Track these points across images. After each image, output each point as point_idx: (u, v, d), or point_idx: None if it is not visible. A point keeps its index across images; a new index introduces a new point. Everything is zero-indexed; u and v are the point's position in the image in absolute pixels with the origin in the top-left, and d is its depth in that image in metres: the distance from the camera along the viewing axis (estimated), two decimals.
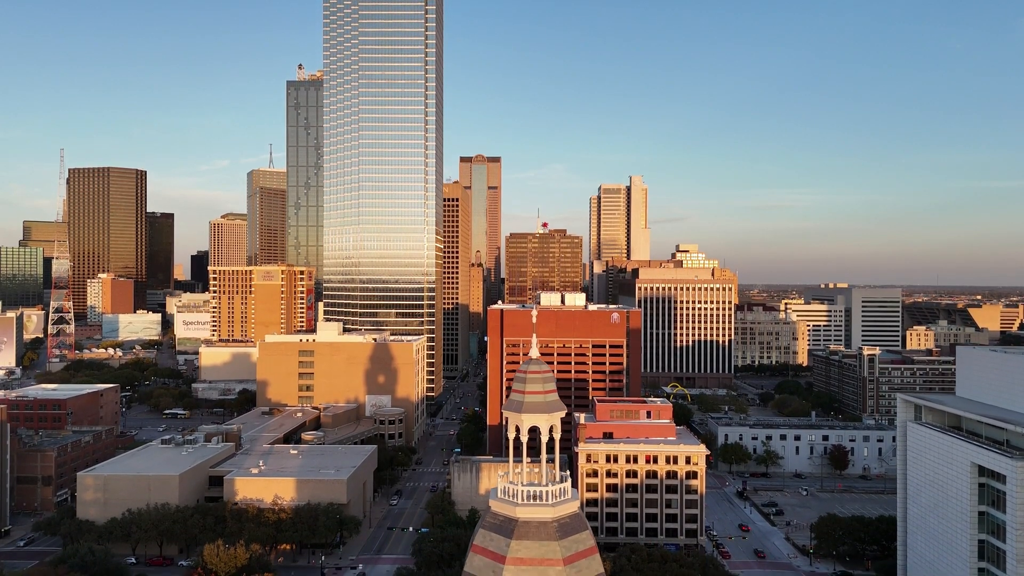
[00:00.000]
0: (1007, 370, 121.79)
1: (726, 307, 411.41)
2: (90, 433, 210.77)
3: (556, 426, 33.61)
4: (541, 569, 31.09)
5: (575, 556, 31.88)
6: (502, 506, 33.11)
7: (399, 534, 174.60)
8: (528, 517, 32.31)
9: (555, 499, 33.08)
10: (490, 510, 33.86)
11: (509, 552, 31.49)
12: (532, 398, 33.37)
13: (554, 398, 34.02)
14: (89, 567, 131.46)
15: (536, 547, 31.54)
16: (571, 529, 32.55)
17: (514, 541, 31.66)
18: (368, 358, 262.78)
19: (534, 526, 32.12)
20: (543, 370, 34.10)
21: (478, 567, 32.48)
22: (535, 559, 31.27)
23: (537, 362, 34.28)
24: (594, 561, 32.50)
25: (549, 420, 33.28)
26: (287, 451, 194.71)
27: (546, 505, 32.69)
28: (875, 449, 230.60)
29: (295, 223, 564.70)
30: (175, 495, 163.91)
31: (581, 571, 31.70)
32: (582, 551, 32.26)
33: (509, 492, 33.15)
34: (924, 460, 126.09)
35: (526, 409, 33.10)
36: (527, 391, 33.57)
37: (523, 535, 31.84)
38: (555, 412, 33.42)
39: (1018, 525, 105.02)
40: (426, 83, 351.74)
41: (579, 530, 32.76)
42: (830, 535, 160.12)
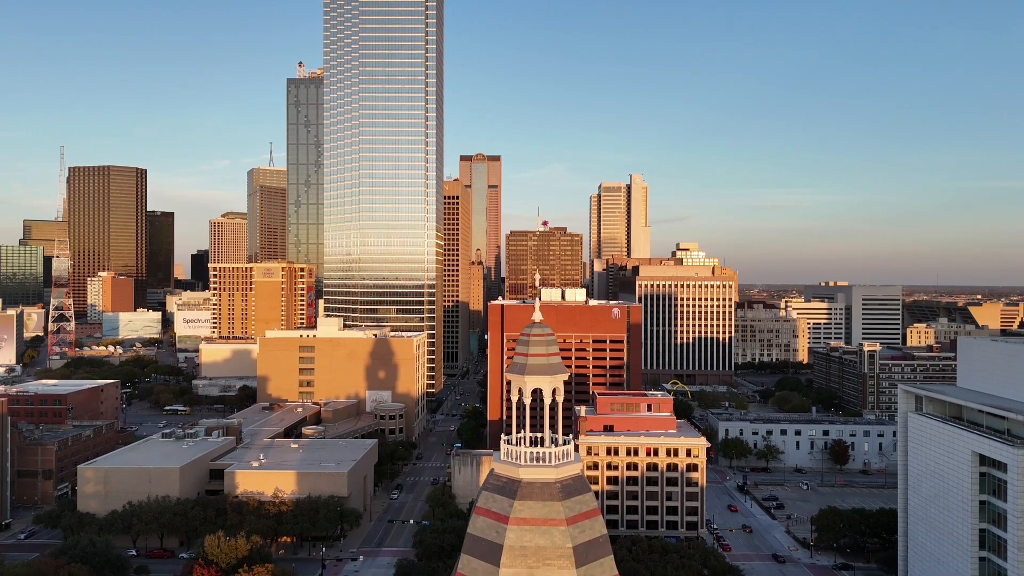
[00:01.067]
0: (1008, 359, 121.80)
1: (726, 304, 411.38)
2: (90, 428, 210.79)
3: (559, 388, 33.58)
4: (544, 529, 31.06)
5: (578, 517, 31.88)
6: (505, 468, 33.10)
7: (400, 527, 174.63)
8: (531, 478, 32.30)
9: (558, 461, 33.06)
10: (493, 472, 33.86)
11: (512, 512, 31.48)
12: (535, 360, 33.34)
13: (557, 361, 33.99)
14: (90, 558, 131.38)
15: (539, 507, 31.53)
16: (574, 490, 32.55)
17: (517, 502, 31.66)
18: (368, 354, 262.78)
19: (537, 487, 32.11)
20: (545, 333, 34.07)
21: (481, 528, 32.47)
22: (538, 519, 31.26)
23: (540, 325, 34.26)
24: (597, 522, 32.50)
25: (552, 382, 33.25)
26: (287, 445, 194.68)
27: (549, 467, 32.67)
28: (875, 444, 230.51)
29: (295, 221, 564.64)
30: (176, 488, 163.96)
31: (584, 531, 31.67)
32: (585, 512, 32.25)
33: (512, 454, 33.13)
34: (925, 450, 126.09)
35: (529, 371, 33.08)
36: (530, 353, 33.54)
37: (526, 496, 31.83)
38: (558, 374, 33.39)
39: (1019, 513, 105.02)
40: (426, 80, 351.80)
41: (582, 492, 32.76)
42: (831, 528, 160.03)
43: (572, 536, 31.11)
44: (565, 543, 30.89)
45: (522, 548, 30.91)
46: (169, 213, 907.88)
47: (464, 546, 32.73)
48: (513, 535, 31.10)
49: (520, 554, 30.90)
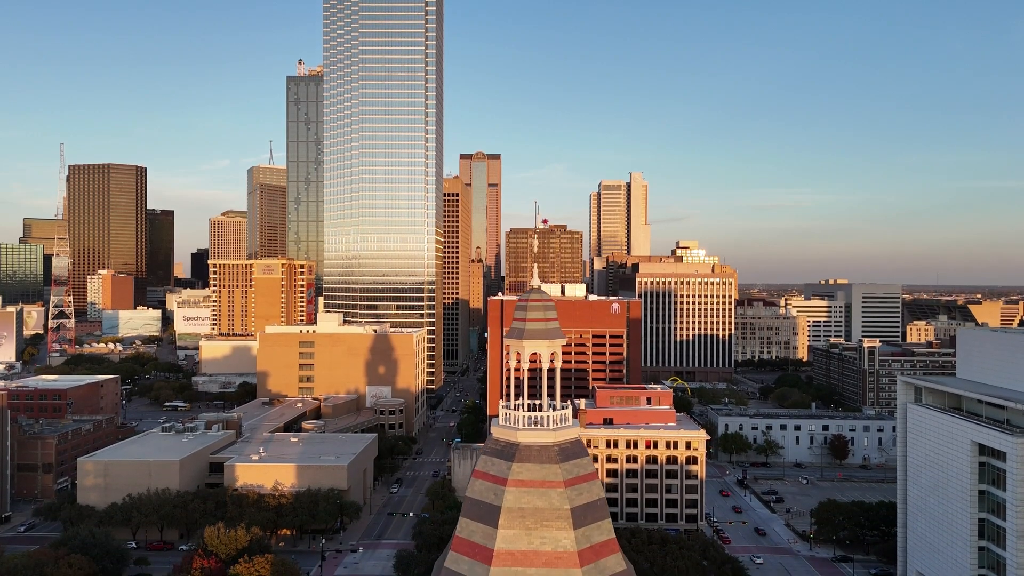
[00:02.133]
0: (1008, 350, 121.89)
1: (726, 302, 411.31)
2: (90, 422, 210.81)
3: (557, 353, 33.67)
4: (542, 491, 31.15)
5: (576, 479, 31.96)
6: (503, 432, 33.20)
7: (400, 519, 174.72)
8: (529, 441, 32.41)
9: (556, 425, 33.16)
10: (491, 437, 33.97)
11: (511, 475, 31.57)
12: (533, 325, 33.43)
13: (555, 326, 34.08)
14: (89, 549, 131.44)
15: (537, 469, 31.63)
16: (572, 454, 32.64)
17: (515, 464, 31.75)
18: (368, 349, 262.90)
19: (535, 450, 32.21)
20: (544, 298, 34.17)
21: (479, 491, 32.59)
22: (536, 481, 31.36)
23: (538, 291, 34.34)
24: (595, 486, 32.58)
25: (550, 347, 33.34)
26: (287, 439, 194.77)
27: (547, 430, 32.78)
28: (875, 439, 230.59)
29: (295, 218, 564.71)
30: (175, 480, 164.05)
31: (582, 494, 31.77)
32: (583, 475, 32.35)
33: (510, 419, 33.24)
34: (924, 441, 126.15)
35: (527, 335, 33.16)
36: (528, 318, 33.62)
37: (524, 458, 31.93)
38: (556, 339, 33.47)
39: (1018, 502, 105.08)
40: (426, 77, 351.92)
41: (580, 455, 32.85)
42: (830, 520, 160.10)
43: (570, 498, 31.22)
44: (563, 505, 31.00)
45: (520, 510, 31.02)
46: (169, 211, 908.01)
47: (463, 510, 32.83)
48: (511, 497, 31.21)
49: (518, 515, 31.00)
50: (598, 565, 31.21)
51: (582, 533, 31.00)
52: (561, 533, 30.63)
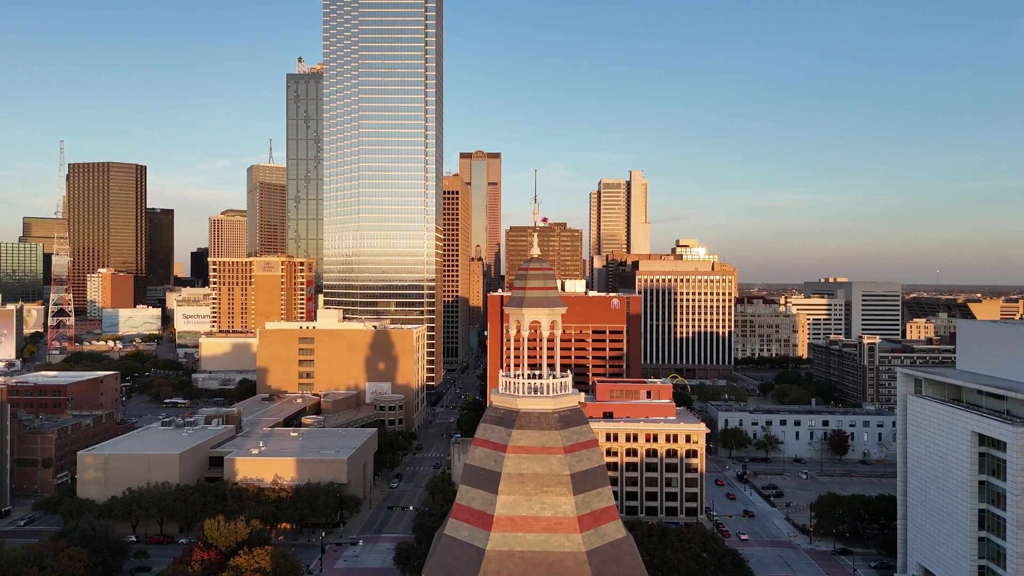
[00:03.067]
0: (1007, 341, 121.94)
1: (726, 299, 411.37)
2: (90, 417, 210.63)
3: (557, 322, 33.66)
4: (542, 457, 31.14)
5: (576, 446, 31.95)
6: (503, 400, 33.20)
7: (400, 513, 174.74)
8: (529, 408, 32.41)
9: (555, 392, 33.15)
10: (491, 405, 33.93)
11: (510, 441, 31.56)
12: (533, 293, 33.42)
13: (555, 295, 34.07)
14: (89, 542, 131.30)
15: (537, 436, 31.62)
16: (571, 421, 32.63)
17: (515, 431, 31.75)
18: (368, 345, 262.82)
19: (535, 417, 32.21)
20: (543, 267, 34.16)
21: (479, 458, 32.59)
22: (536, 447, 31.34)
23: (538, 260, 34.32)
24: (594, 453, 32.57)
25: (550, 315, 33.33)
26: (287, 434, 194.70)
27: (547, 398, 32.80)
28: (875, 434, 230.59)
29: (295, 216, 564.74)
30: (175, 474, 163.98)
31: (582, 460, 31.76)
32: (583, 442, 32.33)
33: (510, 386, 33.24)
34: (924, 432, 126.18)
35: (527, 304, 33.15)
36: (528, 287, 33.61)
37: (524, 425, 31.93)
38: (555, 307, 33.46)
39: (1018, 492, 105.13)
40: (426, 74, 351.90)
41: (580, 423, 32.83)
42: (830, 514, 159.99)
43: (570, 464, 31.21)
44: (563, 471, 30.99)
45: (520, 475, 31.01)
46: (169, 210, 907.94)
47: (462, 477, 32.83)
48: (511, 463, 31.21)
49: (518, 481, 31.00)
50: (598, 531, 31.21)
51: (582, 499, 30.97)
52: (561, 499, 30.63)
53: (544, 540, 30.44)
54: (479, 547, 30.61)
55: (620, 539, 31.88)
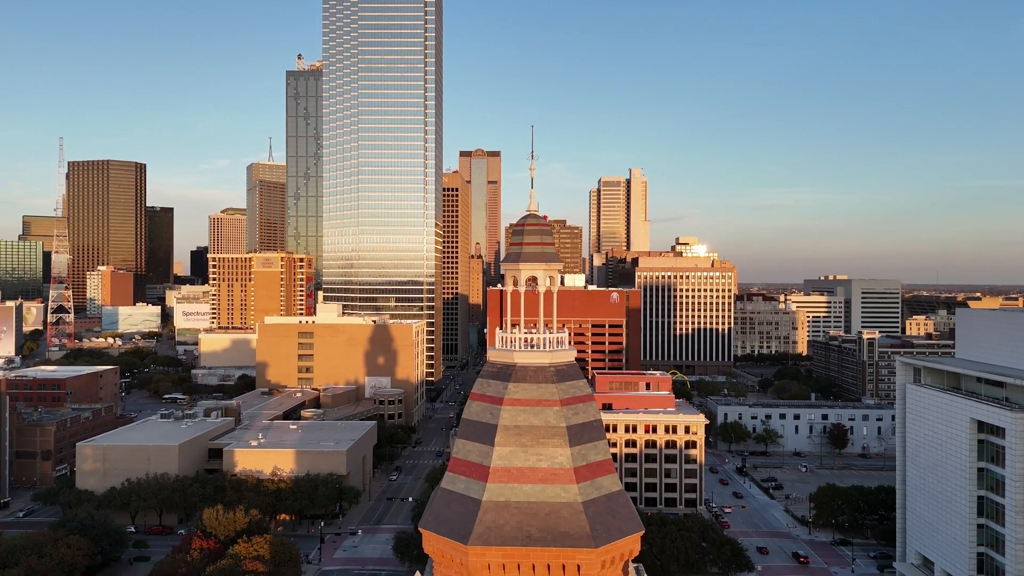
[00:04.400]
0: (1006, 329, 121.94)
1: (726, 295, 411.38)
2: (89, 410, 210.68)
3: (554, 278, 33.71)
4: (538, 409, 31.18)
5: (572, 400, 31.97)
6: (500, 355, 33.24)
7: (399, 504, 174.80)
8: (525, 362, 32.44)
9: (552, 347, 33.19)
10: (488, 361, 33.96)
11: (507, 394, 31.59)
12: (530, 248, 33.45)
13: (552, 251, 34.09)
14: (88, 531, 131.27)
15: (533, 389, 31.65)
16: (568, 376, 32.67)
17: (511, 384, 31.78)
18: (368, 340, 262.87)
19: (531, 370, 32.23)
20: (540, 223, 34.17)
21: (476, 412, 32.59)
22: (532, 400, 31.37)
23: (535, 216, 34.34)
24: (591, 407, 32.57)
25: (547, 270, 33.39)
26: (286, 426, 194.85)
27: (543, 352, 32.83)
28: (874, 428, 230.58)
29: (295, 213, 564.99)
30: (174, 465, 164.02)
31: (579, 413, 31.77)
32: (580, 396, 32.35)
33: (506, 341, 33.30)
34: (923, 421, 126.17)
35: (524, 259, 33.19)
36: (525, 242, 33.63)
37: (520, 378, 31.96)
38: (552, 263, 33.53)
39: (1017, 477, 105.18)
40: (425, 70, 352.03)
41: (576, 378, 32.83)
42: (829, 505, 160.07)
43: (566, 416, 31.24)
44: (559, 423, 31.03)
45: (516, 427, 31.05)
46: (168, 209, 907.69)
47: (459, 432, 32.84)
48: (507, 415, 31.23)
49: (514, 433, 31.03)
50: (594, 483, 31.23)
51: (578, 451, 31.01)
52: (557, 450, 30.66)
53: (540, 491, 30.48)
54: (475, 498, 30.64)
55: (616, 492, 31.92)
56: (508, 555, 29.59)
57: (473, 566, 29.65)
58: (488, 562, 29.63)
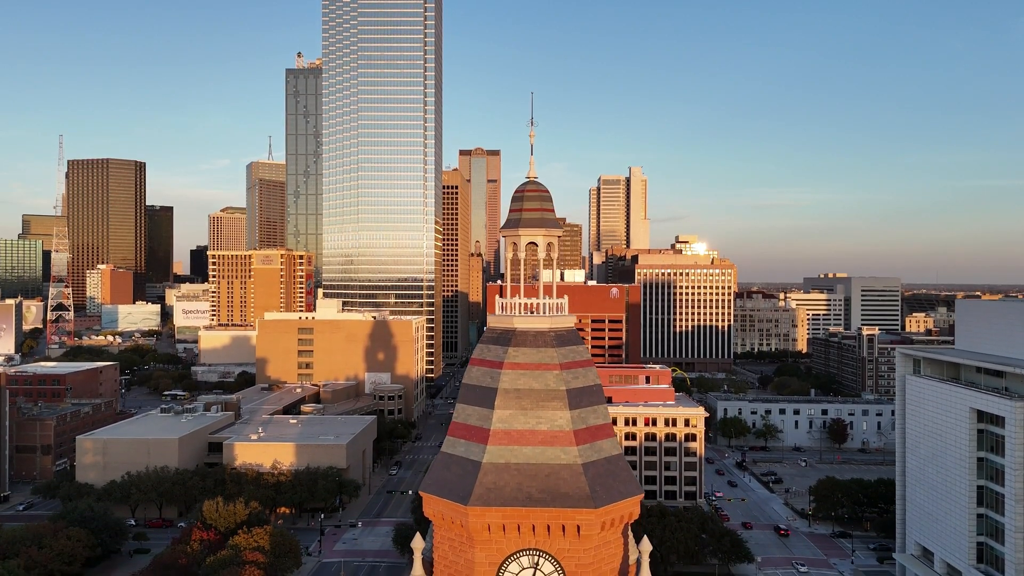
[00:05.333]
0: (1006, 319, 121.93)
1: (726, 293, 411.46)
2: (89, 405, 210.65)
3: (554, 244, 33.77)
4: (538, 373, 31.24)
5: (572, 364, 32.04)
6: (500, 320, 33.31)
7: (399, 498, 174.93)
8: (525, 327, 32.50)
9: (551, 312, 33.26)
10: (488, 327, 34.03)
11: (507, 358, 31.64)
12: (530, 215, 33.47)
13: (552, 217, 34.13)
14: (88, 523, 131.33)
15: (533, 353, 31.71)
16: (568, 341, 32.74)
17: (511, 348, 31.83)
18: (367, 336, 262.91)
19: (531, 335, 32.28)
20: (541, 189, 34.20)
21: (476, 376, 32.66)
22: (532, 364, 31.43)
23: (535, 183, 34.37)
24: (591, 372, 32.62)
25: (547, 236, 33.43)
26: (286, 421, 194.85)
27: (543, 317, 32.89)
28: (874, 423, 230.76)
29: (294, 211, 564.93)
30: (174, 459, 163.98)
31: (578, 377, 31.84)
32: (580, 360, 32.41)
33: (506, 307, 33.37)
34: (923, 411, 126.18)
35: (523, 224, 33.23)
36: (525, 208, 33.66)
37: (520, 343, 32.02)
38: (552, 229, 33.59)
39: (1016, 466, 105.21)
40: (425, 67, 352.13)
41: (576, 343, 32.90)
42: (829, 498, 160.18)
43: (566, 380, 31.31)
44: (559, 386, 31.11)
45: (516, 391, 31.13)
46: (168, 207, 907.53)
47: (459, 397, 32.93)
48: (507, 379, 31.30)
49: (515, 396, 31.11)
50: (594, 446, 31.32)
51: (578, 414, 31.10)
52: (557, 413, 30.76)
53: (540, 453, 30.55)
54: (475, 460, 30.73)
55: (615, 455, 31.97)
56: (508, 516, 29.66)
57: (473, 527, 29.71)
58: (488, 523, 29.69)
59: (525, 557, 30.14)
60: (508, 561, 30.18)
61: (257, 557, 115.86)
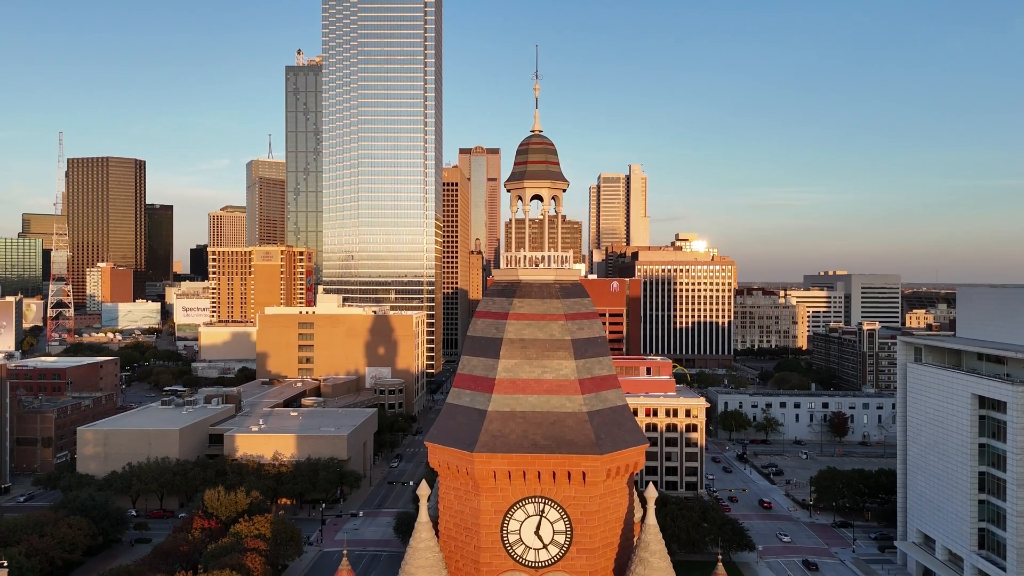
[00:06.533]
0: (1007, 306, 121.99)
1: (726, 289, 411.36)
2: (90, 398, 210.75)
3: (559, 197, 33.74)
4: (543, 323, 31.22)
5: (577, 315, 32.01)
6: (505, 273, 33.32)
7: (400, 489, 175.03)
8: (530, 279, 32.49)
9: (556, 265, 33.25)
10: (493, 280, 34.00)
11: (512, 309, 31.62)
12: (535, 167, 33.45)
13: (557, 170, 34.12)
14: (89, 511, 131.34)
15: (538, 304, 31.68)
16: (572, 293, 32.72)
17: (516, 299, 31.82)
18: (368, 330, 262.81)
19: (536, 286, 32.27)
20: (545, 141, 34.19)
21: (481, 328, 32.64)
22: (537, 314, 31.41)
23: (539, 135, 34.36)
24: (596, 324, 32.59)
25: (552, 189, 33.41)
26: (287, 413, 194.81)
27: (548, 269, 32.88)
28: (875, 416, 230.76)
29: (294, 208, 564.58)
30: (175, 450, 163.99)
31: (583, 328, 31.80)
32: (584, 312, 32.37)
33: (511, 260, 33.37)
34: (924, 399, 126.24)
35: (529, 176, 33.22)
36: (529, 160, 33.64)
37: (525, 294, 32.00)
38: (557, 181, 33.57)
39: (1018, 451, 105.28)
40: (425, 64, 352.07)
41: (581, 295, 32.87)
42: (830, 488, 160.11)
43: (571, 330, 31.30)
44: (564, 336, 31.10)
45: (521, 340, 31.13)
46: (168, 206, 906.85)
47: (464, 349, 32.92)
48: (512, 329, 31.29)
49: (520, 346, 31.11)
50: (599, 395, 31.32)
51: (583, 364, 31.10)
52: (562, 363, 30.77)
53: (545, 401, 30.57)
54: (481, 409, 30.76)
55: (620, 406, 31.96)
56: (513, 462, 29.65)
57: (479, 474, 29.71)
58: (494, 469, 29.69)
59: (531, 504, 30.14)
60: (514, 508, 30.18)
61: (258, 544, 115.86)
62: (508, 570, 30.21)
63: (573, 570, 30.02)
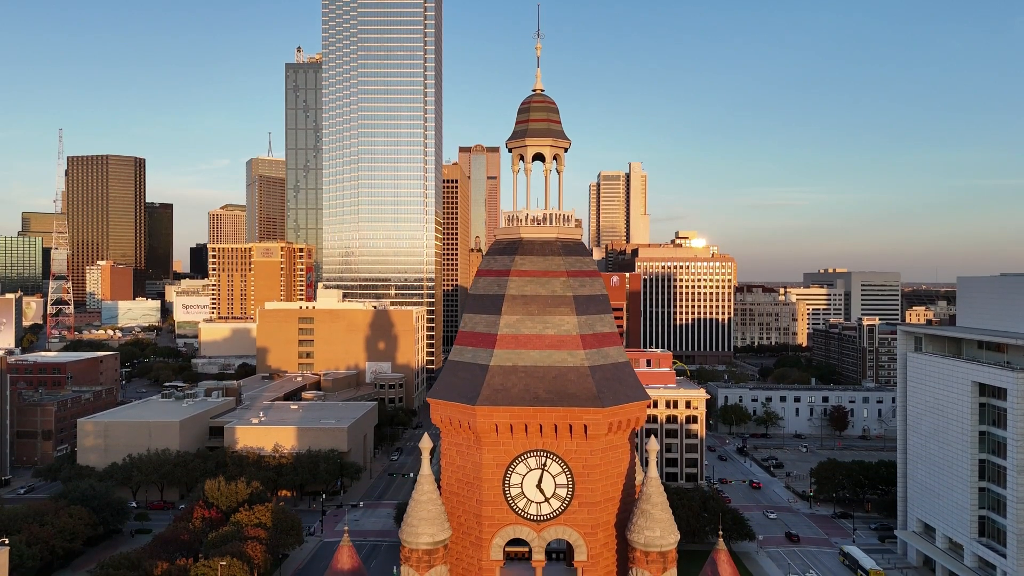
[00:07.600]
0: (1007, 295, 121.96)
1: (726, 286, 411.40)
2: (90, 392, 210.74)
3: (560, 156, 33.70)
4: (545, 280, 31.20)
5: (578, 272, 31.99)
6: (506, 231, 33.29)
7: (401, 480, 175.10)
8: (532, 236, 32.44)
9: (559, 223, 33.21)
10: (495, 239, 33.98)
11: (513, 266, 31.59)
12: (536, 124, 33.37)
13: (559, 128, 34.08)
14: (89, 501, 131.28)
15: (540, 261, 31.65)
16: (575, 251, 32.70)
17: (518, 256, 31.79)
18: (368, 325, 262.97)
19: (538, 243, 32.22)
20: (546, 100, 34.11)
21: (482, 286, 32.61)
22: (539, 271, 31.37)
23: (541, 94, 34.25)
24: (597, 282, 32.55)
25: (553, 148, 33.35)
26: (287, 406, 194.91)
27: (550, 227, 32.83)
28: (875, 410, 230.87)
29: (294, 206, 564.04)
30: (175, 441, 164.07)
31: (585, 286, 31.77)
32: (586, 271, 32.35)
33: (513, 218, 33.32)
34: (924, 388, 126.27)
35: (530, 134, 33.14)
36: (531, 119, 33.57)
37: (527, 252, 31.96)
38: (559, 139, 33.53)
39: (1018, 437, 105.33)
40: (425, 62, 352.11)
41: (583, 254, 32.86)
42: (830, 479, 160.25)
43: (572, 287, 31.28)
44: (566, 292, 31.10)
45: (523, 296, 31.11)
46: (168, 205, 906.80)
47: (466, 307, 32.92)
48: (514, 285, 31.27)
49: (521, 302, 31.09)
50: (601, 351, 31.30)
51: (584, 320, 31.09)
52: (564, 318, 30.77)
53: (547, 356, 30.55)
54: (483, 364, 30.75)
55: (623, 362, 31.95)
56: (515, 415, 29.62)
57: (481, 427, 29.69)
58: (496, 423, 29.66)
59: (533, 458, 30.11)
60: (516, 462, 30.14)
61: (259, 533, 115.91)
62: (510, 524, 30.20)
63: (575, 524, 30.01)
